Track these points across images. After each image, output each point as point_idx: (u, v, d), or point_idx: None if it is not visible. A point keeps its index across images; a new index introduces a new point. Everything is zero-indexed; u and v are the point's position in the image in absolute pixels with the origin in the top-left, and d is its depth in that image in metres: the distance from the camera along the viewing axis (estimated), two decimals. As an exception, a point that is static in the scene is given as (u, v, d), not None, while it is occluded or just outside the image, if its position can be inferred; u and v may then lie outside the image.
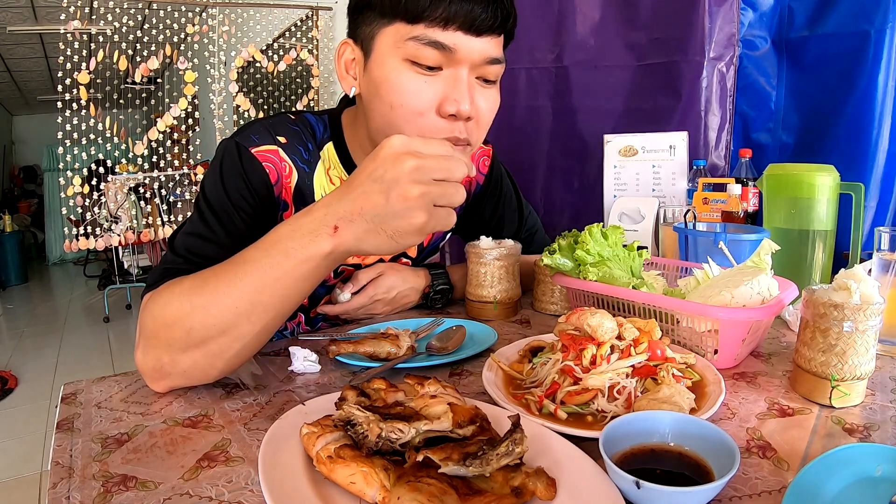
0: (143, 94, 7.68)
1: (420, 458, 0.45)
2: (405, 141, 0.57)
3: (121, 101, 4.04)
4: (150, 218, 4.41)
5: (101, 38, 3.73)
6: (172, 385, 0.70)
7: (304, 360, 0.76)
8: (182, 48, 3.53)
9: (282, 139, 0.85)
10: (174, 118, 3.61)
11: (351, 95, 0.82)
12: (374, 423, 0.48)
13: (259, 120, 0.88)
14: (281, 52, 3.65)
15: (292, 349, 0.77)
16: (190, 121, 3.70)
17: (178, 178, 4.50)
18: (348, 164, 0.90)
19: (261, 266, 0.62)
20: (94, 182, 3.73)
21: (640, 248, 0.91)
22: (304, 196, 0.88)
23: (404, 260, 1.05)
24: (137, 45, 3.52)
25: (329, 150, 0.90)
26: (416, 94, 0.74)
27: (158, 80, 5.13)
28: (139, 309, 0.72)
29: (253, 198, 0.82)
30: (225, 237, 0.79)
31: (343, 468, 0.46)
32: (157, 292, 0.69)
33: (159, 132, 3.62)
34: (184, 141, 5.47)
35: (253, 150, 0.82)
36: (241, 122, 4.04)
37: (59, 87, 3.21)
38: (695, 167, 1.34)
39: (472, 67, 0.75)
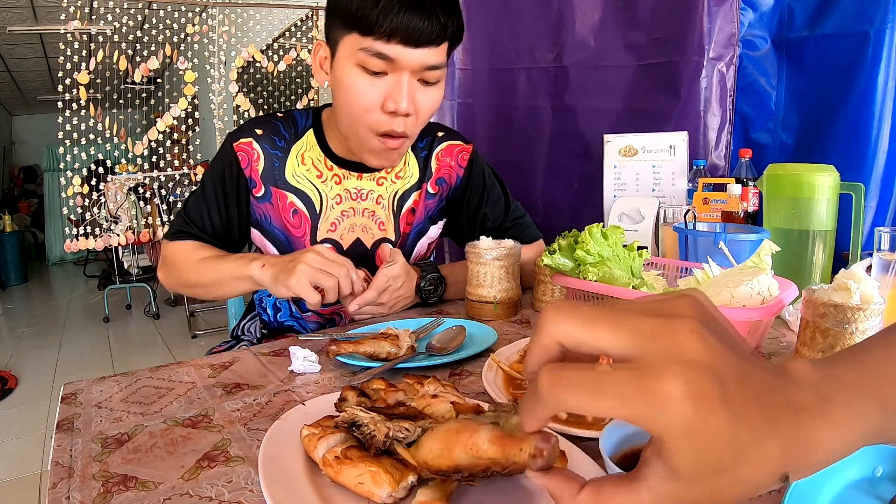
0: (143, 94, 7.69)
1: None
2: (316, 251, 0.88)
3: (121, 101, 4.05)
4: (150, 218, 4.41)
5: (101, 38, 3.73)
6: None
7: (304, 360, 0.76)
8: (182, 48, 3.53)
9: (258, 131, 1.06)
10: (174, 118, 3.61)
11: (324, 87, 1.00)
12: (381, 423, 0.48)
13: (257, 116, 1.10)
14: (281, 52, 3.66)
15: (292, 349, 0.78)
16: (190, 121, 3.70)
17: (178, 178, 4.51)
18: (325, 147, 1.08)
19: (222, 269, 0.98)
20: (93, 182, 3.73)
21: (640, 248, 0.91)
22: (274, 177, 1.06)
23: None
24: (137, 45, 3.53)
25: (309, 136, 1.08)
26: (363, 94, 0.90)
27: (158, 80, 5.13)
28: (161, 252, 1.13)
29: (226, 182, 1.07)
30: (212, 206, 1.08)
31: (351, 469, 0.46)
32: (183, 245, 1.06)
33: (159, 132, 3.62)
34: (184, 141, 5.47)
35: (234, 145, 1.05)
36: (241, 122, 4.04)
37: (59, 87, 3.21)
38: (695, 167, 1.34)
39: (413, 72, 0.89)
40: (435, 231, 1.18)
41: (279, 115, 1.10)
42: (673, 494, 0.29)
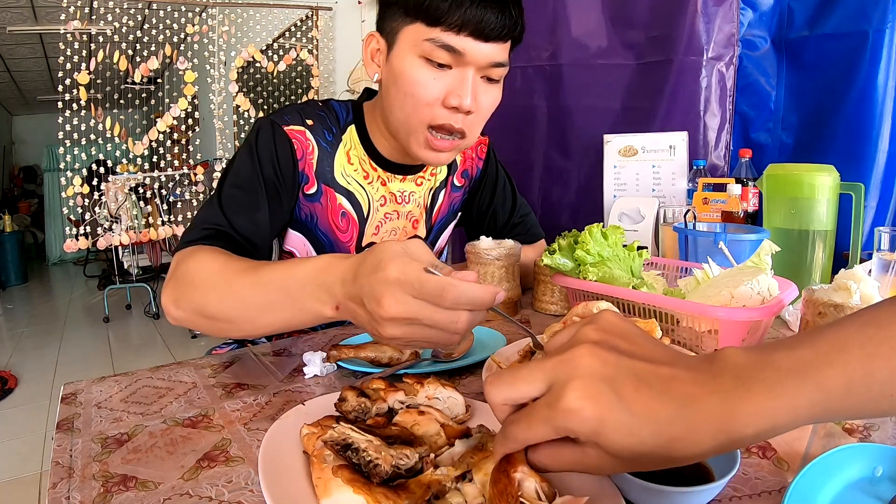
0: (143, 94, 7.68)
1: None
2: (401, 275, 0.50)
3: (121, 101, 4.03)
4: (151, 218, 4.40)
5: (101, 38, 3.72)
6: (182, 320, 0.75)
7: (322, 363, 0.76)
8: (182, 48, 3.53)
9: (309, 122, 0.97)
10: (174, 118, 3.60)
11: (374, 80, 0.93)
12: (385, 451, 0.47)
13: (292, 105, 0.99)
14: (281, 52, 3.65)
15: (307, 356, 0.77)
16: (190, 121, 3.70)
17: (178, 178, 4.50)
18: (367, 145, 1.01)
19: (269, 292, 0.66)
20: (94, 182, 3.72)
21: (640, 248, 0.91)
22: (325, 173, 0.98)
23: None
24: (137, 45, 3.52)
25: (351, 132, 1.01)
26: (426, 86, 0.84)
27: (158, 80, 5.12)
28: (171, 259, 0.80)
29: (278, 169, 0.93)
30: (253, 198, 0.90)
31: (341, 490, 0.43)
32: (197, 251, 0.78)
33: (159, 132, 3.61)
34: (184, 141, 5.47)
35: (285, 129, 0.94)
36: (241, 122, 4.04)
37: (59, 87, 3.21)
38: (695, 167, 1.34)
39: (478, 68, 0.85)
40: (453, 224, 1.18)
41: (319, 104, 1.01)
42: (615, 467, 0.35)
